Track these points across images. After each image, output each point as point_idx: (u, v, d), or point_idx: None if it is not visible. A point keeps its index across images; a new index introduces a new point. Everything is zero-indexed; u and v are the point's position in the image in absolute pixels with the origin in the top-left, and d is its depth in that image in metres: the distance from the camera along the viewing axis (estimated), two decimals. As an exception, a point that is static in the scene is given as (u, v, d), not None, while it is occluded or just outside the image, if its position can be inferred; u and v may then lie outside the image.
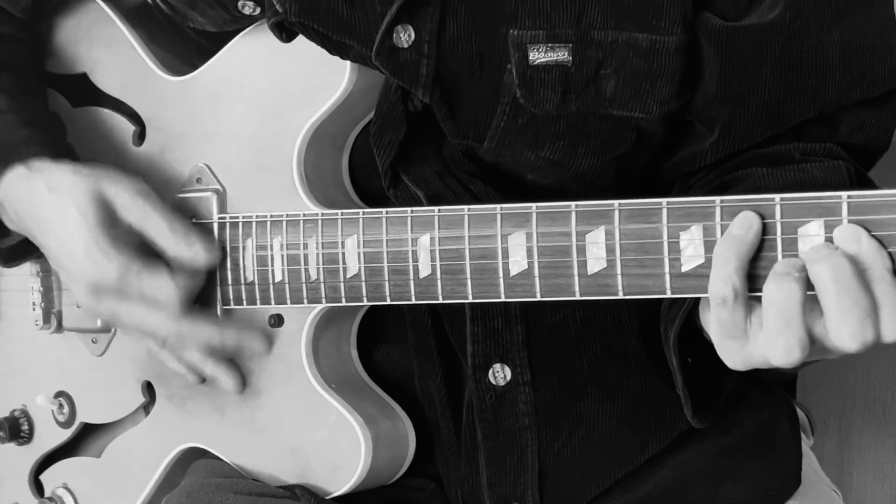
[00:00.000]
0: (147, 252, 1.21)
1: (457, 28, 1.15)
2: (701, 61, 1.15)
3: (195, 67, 1.29)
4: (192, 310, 1.23)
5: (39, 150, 1.25)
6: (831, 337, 0.92)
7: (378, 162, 1.20)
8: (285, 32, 1.18)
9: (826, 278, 0.91)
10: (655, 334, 1.17)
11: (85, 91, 1.37)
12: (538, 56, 1.13)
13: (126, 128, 1.34)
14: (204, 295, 1.26)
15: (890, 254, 0.92)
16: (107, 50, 1.36)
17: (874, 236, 0.92)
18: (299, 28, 1.16)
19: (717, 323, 0.97)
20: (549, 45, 1.13)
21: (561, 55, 1.13)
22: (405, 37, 1.14)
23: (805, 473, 1.33)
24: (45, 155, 1.25)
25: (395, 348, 1.30)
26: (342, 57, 1.17)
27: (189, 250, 1.20)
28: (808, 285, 0.92)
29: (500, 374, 1.23)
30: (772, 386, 1.35)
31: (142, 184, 1.22)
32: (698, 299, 1.06)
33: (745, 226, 0.95)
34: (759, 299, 0.95)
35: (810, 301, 0.93)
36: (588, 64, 1.13)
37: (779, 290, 0.92)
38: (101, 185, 1.20)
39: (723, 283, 0.95)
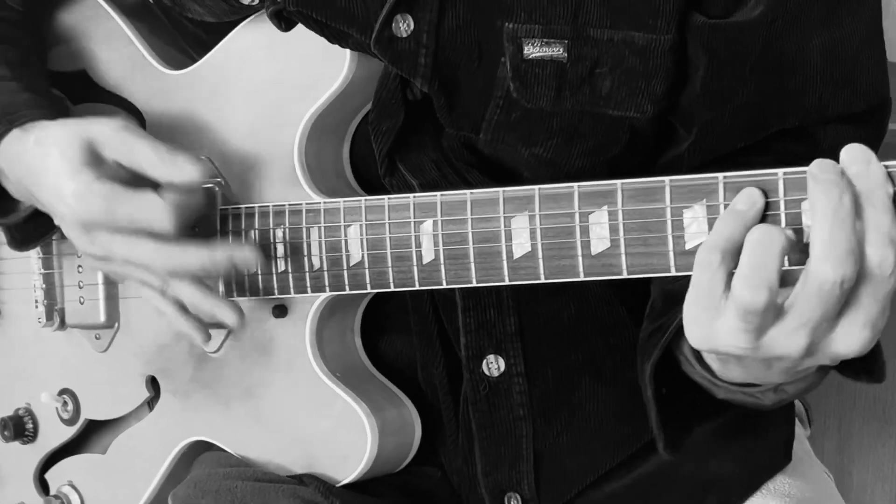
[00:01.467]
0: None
1: (455, 18, 1.15)
2: (687, 60, 1.15)
3: (194, 61, 1.29)
4: (185, 236, 1.19)
5: (40, 113, 1.25)
6: (813, 263, 0.88)
7: (375, 149, 1.21)
8: (284, 21, 1.18)
9: (822, 201, 0.88)
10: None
11: (84, 87, 1.38)
12: (533, 50, 1.13)
13: (126, 123, 1.34)
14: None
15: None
16: (105, 45, 1.36)
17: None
18: (298, 17, 1.16)
19: (694, 286, 0.94)
20: (545, 39, 1.13)
21: (556, 51, 1.13)
22: (404, 26, 1.15)
23: (796, 453, 1.33)
24: (45, 118, 1.24)
25: (399, 337, 1.30)
26: (341, 45, 1.17)
27: (176, 167, 1.16)
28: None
29: (493, 364, 1.23)
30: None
31: (123, 120, 1.22)
32: (677, 333, 1.05)
33: (748, 202, 0.94)
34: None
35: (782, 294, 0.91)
36: (584, 61, 1.13)
37: (763, 232, 0.89)
38: (84, 129, 1.19)
39: (712, 246, 0.92)
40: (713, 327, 0.94)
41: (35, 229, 1.33)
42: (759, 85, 1.15)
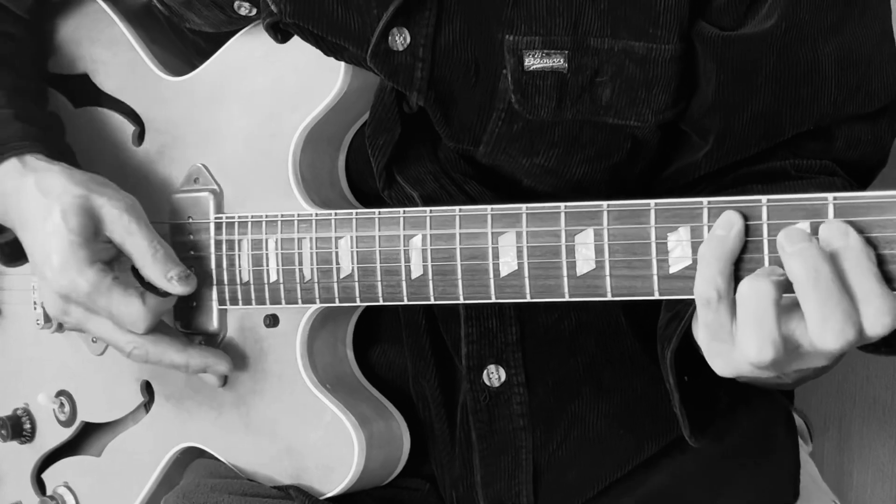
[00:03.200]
0: (125, 266, 1.23)
1: (452, 33, 1.15)
2: (697, 70, 1.15)
3: (194, 68, 1.30)
4: (161, 331, 1.24)
5: (35, 146, 1.26)
6: (814, 338, 0.91)
7: (373, 163, 1.20)
8: (280, 33, 1.18)
9: (802, 278, 0.89)
10: (650, 334, 1.16)
11: (86, 91, 1.38)
12: (534, 62, 1.13)
13: (126, 128, 1.35)
14: (200, 295, 1.26)
15: (879, 256, 0.91)
16: (107, 51, 1.37)
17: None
18: (294, 29, 1.16)
19: (703, 325, 0.96)
20: (545, 51, 1.13)
21: (557, 62, 1.13)
22: (400, 40, 1.14)
23: (804, 483, 1.32)
24: (41, 151, 1.25)
25: (391, 349, 1.30)
26: (337, 58, 1.17)
27: (165, 279, 1.21)
28: (788, 287, 0.91)
29: (494, 375, 1.23)
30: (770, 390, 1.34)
31: (131, 200, 1.23)
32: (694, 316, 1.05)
33: (727, 226, 0.94)
34: None
35: (791, 306, 0.92)
36: (584, 71, 1.13)
37: (750, 287, 0.91)
38: (91, 196, 1.21)
39: (706, 283, 0.94)
40: (733, 357, 0.95)
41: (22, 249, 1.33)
42: (773, 94, 1.15)
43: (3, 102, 1.30)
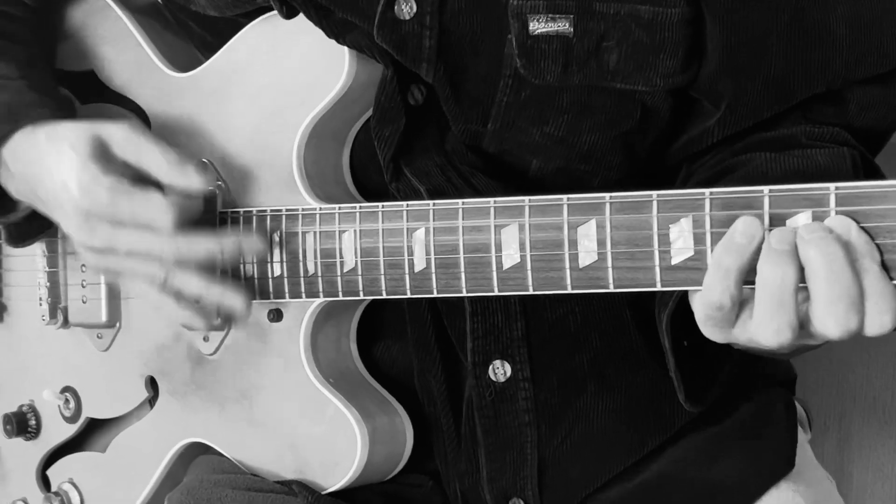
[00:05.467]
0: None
1: (458, 0, 1.14)
2: (705, 35, 1.14)
3: (200, 63, 1.30)
4: (187, 228, 1.20)
5: (49, 113, 1.26)
6: (816, 323, 0.91)
7: (379, 155, 1.20)
8: (286, 6, 1.17)
9: (818, 264, 0.90)
10: (655, 329, 1.16)
11: (92, 87, 1.39)
12: (538, 26, 1.12)
13: (132, 124, 1.35)
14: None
15: (878, 245, 0.91)
16: (113, 47, 1.37)
17: (862, 228, 0.91)
18: (300, 5, 1.16)
19: (705, 316, 0.97)
20: (550, 14, 1.12)
21: (562, 26, 1.12)
22: (407, 8, 1.14)
23: (799, 458, 1.31)
24: (52, 118, 1.25)
25: (395, 344, 1.30)
26: (340, 41, 1.17)
27: (183, 175, 1.18)
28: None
29: (500, 370, 1.23)
30: (771, 381, 1.34)
31: (135, 122, 1.23)
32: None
33: (748, 237, 0.94)
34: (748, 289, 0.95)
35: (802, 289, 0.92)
36: (590, 36, 1.12)
37: (774, 272, 0.91)
38: (95, 127, 1.21)
39: (723, 293, 0.94)
40: (730, 334, 0.97)
41: (31, 227, 1.34)
42: (784, 58, 1.14)
43: (17, 74, 1.30)
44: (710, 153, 1.20)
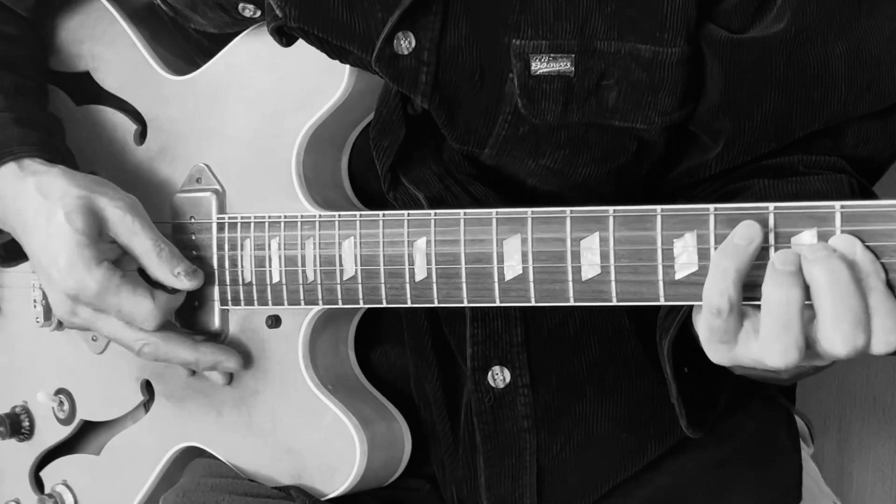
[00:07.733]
0: (130, 265, 1.23)
1: (458, 37, 1.15)
2: (705, 73, 1.15)
3: (197, 67, 1.29)
4: (169, 329, 1.24)
5: (33, 150, 1.25)
6: (822, 342, 0.92)
7: (377, 165, 1.20)
8: (285, 37, 1.17)
9: (823, 282, 0.91)
10: (654, 336, 1.16)
11: (88, 89, 1.38)
12: (540, 66, 1.13)
13: (128, 126, 1.34)
14: (202, 295, 1.26)
15: (883, 265, 0.91)
16: (110, 49, 1.36)
17: (868, 247, 0.91)
18: (299, 33, 1.16)
19: (707, 329, 0.97)
20: (552, 55, 1.12)
21: (563, 65, 1.13)
22: (405, 44, 1.14)
23: (806, 485, 1.32)
24: (39, 155, 1.25)
25: (393, 350, 1.30)
26: (342, 61, 1.17)
27: (172, 275, 1.21)
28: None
29: (499, 376, 1.23)
30: (771, 391, 1.35)
31: (132, 199, 1.23)
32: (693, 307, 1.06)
33: (747, 236, 0.94)
34: (752, 306, 0.95)
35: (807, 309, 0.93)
36: (590, 74, 1.13)
37: (778, 293, 0.92)
38: (93, 197, 1.21)
39: (719, 294, 0.94)
40: (734, 354, 0.97)
41: (19, 248, 1.33)
42: (783, 96, 1.14)
43: (3, 106, 1.29)
44: (706, 182, 1.21)
